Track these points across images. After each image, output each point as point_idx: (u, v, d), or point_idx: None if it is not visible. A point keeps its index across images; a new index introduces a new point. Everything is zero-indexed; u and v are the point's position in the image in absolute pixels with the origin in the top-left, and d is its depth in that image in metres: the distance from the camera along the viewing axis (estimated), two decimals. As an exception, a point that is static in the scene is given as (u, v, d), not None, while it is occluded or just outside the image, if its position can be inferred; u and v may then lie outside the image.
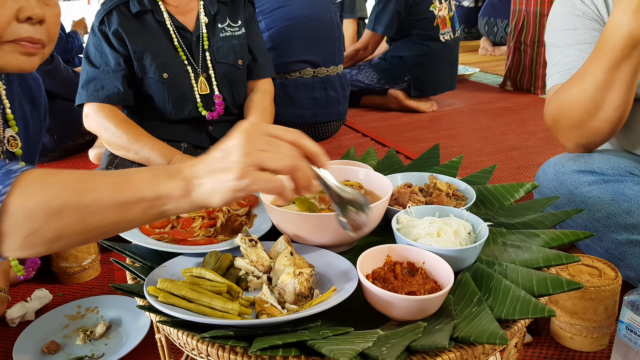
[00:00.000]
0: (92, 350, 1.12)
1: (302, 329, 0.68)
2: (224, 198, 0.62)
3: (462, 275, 0.79)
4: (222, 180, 0.61)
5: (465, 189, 1.03)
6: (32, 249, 0.63)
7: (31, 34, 0.91)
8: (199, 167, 0.64)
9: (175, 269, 0.80)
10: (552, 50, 1.34)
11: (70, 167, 2.32)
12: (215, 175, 0.62)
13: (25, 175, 0.63)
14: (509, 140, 2.49)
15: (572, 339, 1.09)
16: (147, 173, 0.64)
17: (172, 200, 0.63)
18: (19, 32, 0.90)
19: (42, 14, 0.91)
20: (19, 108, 1.09)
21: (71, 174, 0.64)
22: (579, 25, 1.28)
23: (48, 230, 0.61)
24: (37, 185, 0.61)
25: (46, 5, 0.94)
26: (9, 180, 0.61)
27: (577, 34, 1.28)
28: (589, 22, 1.27)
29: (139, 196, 0.62)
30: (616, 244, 1.19)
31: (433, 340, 0.63)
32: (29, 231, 0.61)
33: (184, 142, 1.72)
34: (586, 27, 1.27)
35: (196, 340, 0.66)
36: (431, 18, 2.87)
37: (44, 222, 0.61)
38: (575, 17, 1.28)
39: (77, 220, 0.61)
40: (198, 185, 0.62)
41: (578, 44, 1.28)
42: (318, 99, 2.44)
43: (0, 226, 0.60)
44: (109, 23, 1.58)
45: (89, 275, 1.43)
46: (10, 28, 0.88)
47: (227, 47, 1.71)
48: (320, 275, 0.80)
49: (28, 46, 0.91)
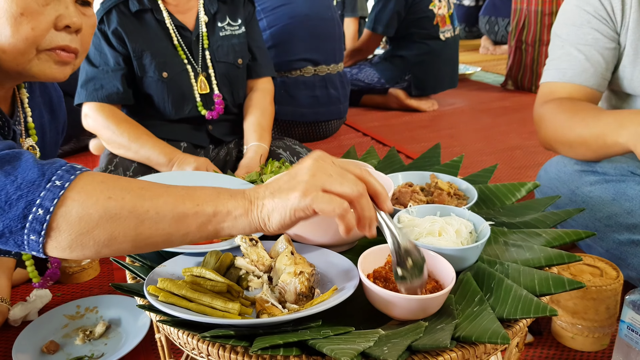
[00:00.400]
0: (91, 350, 1.11)
1: (303, 328, 0.67)
2: (282, 218, 0.62)
3: (463, 274, 0.79)
4: (284, 199, 0.61)
5: (466, 189, 1.03)
6: (80, 250, 0.62)
7: (68, 42, 0.90)
8: (263, 189, 0.64)
9: (175, 268, 0.80)
10: (556, 42, 1.34)
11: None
12: (278, 195, 0.62)
13: (88, 174, 0.63)
14: (510, 139, 2.49)
15: (573, 338, 1.08)
16: (210, 190, 0.64)
17: (230, 218, 0.63)
18: (57, 40, 0.89)
19: (80, 23, 0.91)
20: (38, 117, 1.09)
21: (134, 180, 0.64)
22: (585, 22, 1.27)
23: (101, 232, 0.61)
24: (99, 185, 0.61)
25: (83, 15, 0.93)
26: (71, 176, 0.61)
27: (581, 33, 1.28)
28: (595, 21, 1.26)
29: (197, 209, 0.62)
30: (617, 244, 1.19)
31: (434, 340, 0.63)
32: (82, 230, 0.60)
33: (183, 142, 1.72)
34: (592, 26, 1.27)
35: (197, 339, 0.66)
36: (431, 17, 2.87)
37: (99, 223, 0.60)
38: (584, 14, 1.27)
39: (132, 225, 0.61)
40: (259, 206, 0.62)
41: (579, 44, 1.28)
42: (319, 97, 2.44)
43: (53, 221, 0.60)
44: (109, 22, 1.57)
45: (88, 275, 1.42)
46: (48, 35, 0.88)
47: (227, 46, 1.71)
48: (321, 275, 0.80)
49: (63, 55, 0.90)
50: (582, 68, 1.27)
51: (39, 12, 0.86)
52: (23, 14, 0.84)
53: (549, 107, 1.29)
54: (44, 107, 1.14)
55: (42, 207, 0.59)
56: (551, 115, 1.27)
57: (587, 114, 1.20)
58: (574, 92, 1.29)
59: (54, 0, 0.88)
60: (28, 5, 0.85)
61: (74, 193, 0.60)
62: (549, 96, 1.33)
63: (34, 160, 0.63)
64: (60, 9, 0.88)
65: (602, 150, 1.17)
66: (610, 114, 1.16)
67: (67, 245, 0.61)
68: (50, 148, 1.17)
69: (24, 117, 1.04)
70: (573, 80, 1.28)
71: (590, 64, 1.27)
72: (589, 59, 1.27)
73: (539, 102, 1.34)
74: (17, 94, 1.04)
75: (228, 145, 1.80)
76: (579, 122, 1.20)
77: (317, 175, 0.61)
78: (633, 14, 1.23)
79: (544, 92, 1.35)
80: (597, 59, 1.27)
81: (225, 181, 1.12)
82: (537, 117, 1.33)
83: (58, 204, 0.59)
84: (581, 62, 1.27)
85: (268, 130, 1.72)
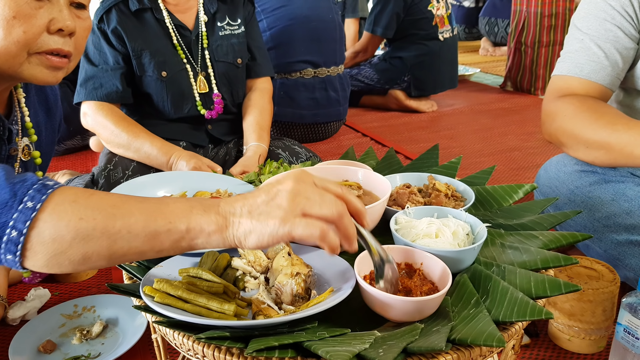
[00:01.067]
0: (88, 350, 1.11)
1: (299, 330, 0.67)
2: (259, 241, 0.61)
3: (460, 276, 0.79)
4: (262, 224, 0.60)
5: (464, 190, 1.03)
6: (57, 268, 0.62)
7: (60, 45, 0.90)
8: (238, 205, 0.62)
9: (172, 268, 0.80)
10: (575, 34, 1.30)
11: (72, 162, 2.32)
12: (256, 217, 0.61)
13: (60, 193, 0.62)
14: (509, 141, 2.49)
15: (570, 340, 1.08)
16: (183, 204, 0.62)
17: (203, 235, 0.62)
18: (49, 43, 0.88)
19: (73, 27, 0.90)
20: (33, 117, 1.09)
21: (106, 197, 0.63)
22: (609, 18, 1.23)
23: (75, 253, 0.61)
24: (70, 206, 0.60)
25: (78, 18, 0.93)
26: (43, 197, 0.60)
27: (602, 29, 1.24)
28: (620, 18, 1.22)
29: (170, 227, 0.61)
30: (616, 244, 1.19)
31: (430, 343, 0.63)
32: (56, 251, 0.60)
33: (182, 141, 1.72)
34: (615, 22, 1.23)
35: (192, 341, 0.66)
36: (429, 17, 2.87)
37: (72, 244, 0.60)
38: (609, 8, 1.23)
39: (105, 245, 0.61)
40: (234, 224, 0.61)
41: (600, 40, 1.24)
42: (318, 99, 2.44)
43: (27, 242, 0.60)
44: (108, 21, 1.57)
45: (86, 274, 1.42)
46: (40, 39, 0.87)
47: (226, 46, 1.71)
48: (318, 276, 0.80)
49: (55, 61, 0.90)
50: (600, 66, 1.24)
51: (31, 15, 0.85)
52: (15, 17, 0.84)
53: (567, 102, 1.25)
54: (40, 106, 1.14)
55: (15, 229, 0.59)
56: (570, 112, 1.23)
57: (614, 120, 1.16)
58: (590, 89, 1.25)
59: (47, 3, 0.87)
60: (21, 8, 0.84)
61: (46, 215, 0.59)
62: (564, 90, 1.28)
63: (5, 179, 0.62)
64: (53, 12, 0.88)
65: (626, 159, 1.14)
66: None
67: (43, 264, 0.61)
68: (47, 147, 1.17)
69: (21, 117, 1.04)
70: (590, 77, 1.25)
71: (609, 62, 1.23)
72: (608, 57, 1.23)
73: (553, 95, 1.30)
74: (13, 93, 1.04)
75: (227, 145, 1.80)
76: (604, 126, 1.16)
77: (296, 199, 0.61)
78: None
79: (558, 84, 1.30)
80: (616, 58, 1.23)
81: (223, 181, 1.12)
82: (551, 111, 1.28)
83: (30, 225, 0.59)
84: (600, 60, 1.24)
85: (267, 130, 1.72)
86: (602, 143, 1.17)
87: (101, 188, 1.53)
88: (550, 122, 1.29)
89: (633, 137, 1.11)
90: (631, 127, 1.13)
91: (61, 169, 2.08)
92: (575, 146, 1.24)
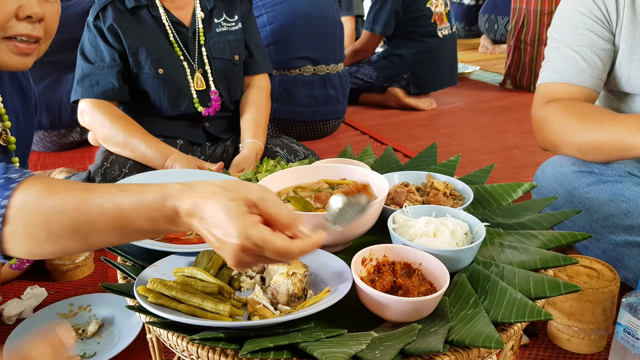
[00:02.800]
0: (83, 350, 1.10)
1: (295, 330, 0.66)
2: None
3: (458, 276, 0.78)
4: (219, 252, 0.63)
5: (462, 189, 1.02)
6: (40, 257, 0.65)
7: (29, 31, 0.90)
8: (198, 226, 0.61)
9: (166, 268, 0.79)
10: (552, 43, 1.35)
11: (70, 159, 2.31)
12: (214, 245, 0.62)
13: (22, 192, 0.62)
14: (508, 139, 2.48)
15: (569, 340, 1.07)
16: (144, 213, 0.62)
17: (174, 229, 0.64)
18: (17, 29, 0.89)
19: (42, 13, 0.90)
20: (10, 102, 1.08)
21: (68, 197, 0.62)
22: (580, 24, 1.28)
23: (52, 247, 0.63)
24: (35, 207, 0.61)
25: (46, 2, 0.93)
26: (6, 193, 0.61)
27: (576, 34, 1.29)
28: (591, 22, 1.27)
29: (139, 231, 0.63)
30: (614, 245, 1.18)
31: (427, 344, 0.62)
32: (33, 245, 0.62)
33: (179, 139, 1.71)
34: (587, 27, 1.27)
35: (186, 342, 0.65)
36: (428, 15, 2.86)
37: (47, 240, 0.62)
38: (579, 15, 1.28)
39: (81, 240, 0.63)
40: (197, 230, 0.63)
41: (575, 46, 1.28)
42: (317, 96, 2.43)
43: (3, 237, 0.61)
44: (104, 18, 1.56)
45: (82, 272, 1.41)
46: (8, 25, 0.87)
47: (224, 43, 1.69)
48: (315, 276, 0.79)
49: (23, 48, 0.91)
50: (579, 69, 1.27)
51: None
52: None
53: (552, 108, 1.28)
54: (14, 92, 1.14)
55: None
56: (556, 118, 1.26)
57: (600, 118, 1.19)
58: (573, 93, 1.28)
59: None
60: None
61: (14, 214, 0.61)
62: (548, 97, 1.32)
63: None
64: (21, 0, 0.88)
65: (619, 154, 1.16)
66: (628, 118, 1.15)
67: (24, 254, 0.63)
68: (26, 131, 1.17)
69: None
70: (571, 80, 1.28)
71: (587, 65, 1.27)
72: (586, 60, 1.27)
73: (539, 103, 1.33)
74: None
75: (225, 143, 1.79)
76: (591, 126, 1.19)
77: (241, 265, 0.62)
78: (627, 12, 1.23)
79: (543, 92, 1.34)
80: (594, 59, 1.27)
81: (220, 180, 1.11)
82: (539, 118, 1.32)
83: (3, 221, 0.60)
84: (578, 63, 1.27)
85: (263, 127, 1.71)
86: (593, 143, 1.19)
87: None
88: (540, 130, 1.33)
89: (620, 131, 1.13)
90: (617, 122, 1.15)
91: (58, 167, 2.07)
92: (569, 150, 1.27)
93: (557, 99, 1.29)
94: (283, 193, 0.97)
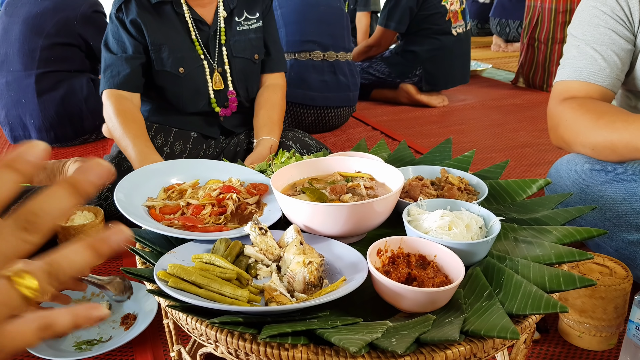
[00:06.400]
0: (99, 334, 1.12)
1: (311, 317, 0.67)
2: None
3: (472, 269, 0.78)
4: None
5: (477, 184, 1.02)
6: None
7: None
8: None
9: (185, 254, 0.80)
10: (572, 41, 1.34)
11: (83, 152, 2.33)
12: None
13: None
14: (521, 137, 2.47)
15: (580, 337, 1.08)
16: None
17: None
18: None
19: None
20: None
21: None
22: (602, 23, 1.27)
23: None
24: None
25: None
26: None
27: (597, 33, 1.28)
28: (612, 22, 1.26)
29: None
30: (627, 244, 1.18)
31: (443, 333, 0.62)
32: None
33: (194, 132, 1.72)
34: (608, 26, 1.26)
35: (205, 325, 0.66)
36: (443, 12, 2.86)
37: None
38: (601, 14, 1.27)
39: None
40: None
41: (596, 44, 1.28)
42: (328, 82, 2.48)
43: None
44: (127, 11, 1.56)
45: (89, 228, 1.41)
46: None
47: (244, 41, 1.69)
48: (330, 266, 0.80)
49: None
50: (598, 67, 1.27)
51: None
52: None
53: (568, 106, 1.28)
54: None
55: None
56: (571, 116, 1.26)
57: (614, 117, 1.18)
58: (590, 91, 1.28)
59: None
60: None
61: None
62: (565, 94, 1.31)
63: None
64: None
65: (632, 154, 1.16)
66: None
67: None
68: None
69: None
70: (589, 79, 1.28)
71: (606, 64, 1.26)
72: (606, 59, 1.26)
73: (555, 101, 1.33)
74: None
75: (238, 137, 1.80)
76: (605, 126, 1.18)
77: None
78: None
79: (560, 90, 1.33)
80: (614, 59, 1.26)
81: (235, 170, 1.12)
82: (554, 116, 1.32)
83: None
84: (598, 62, 1.27)
85: (279, 124, 1.71)
86: (606, 144, 1.19)
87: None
88: (555, 127, 1.33)
89: (633, 132, 1.13)
90: (631, 123, 1.15)
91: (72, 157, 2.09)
92: (582, 149, 1.27)
93: (574, 97, 1.29)
94: (298, 184, 0.97)
